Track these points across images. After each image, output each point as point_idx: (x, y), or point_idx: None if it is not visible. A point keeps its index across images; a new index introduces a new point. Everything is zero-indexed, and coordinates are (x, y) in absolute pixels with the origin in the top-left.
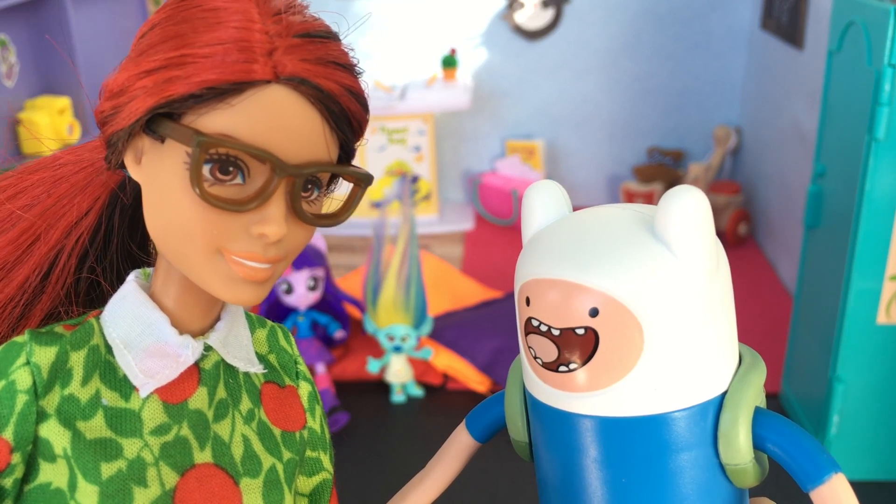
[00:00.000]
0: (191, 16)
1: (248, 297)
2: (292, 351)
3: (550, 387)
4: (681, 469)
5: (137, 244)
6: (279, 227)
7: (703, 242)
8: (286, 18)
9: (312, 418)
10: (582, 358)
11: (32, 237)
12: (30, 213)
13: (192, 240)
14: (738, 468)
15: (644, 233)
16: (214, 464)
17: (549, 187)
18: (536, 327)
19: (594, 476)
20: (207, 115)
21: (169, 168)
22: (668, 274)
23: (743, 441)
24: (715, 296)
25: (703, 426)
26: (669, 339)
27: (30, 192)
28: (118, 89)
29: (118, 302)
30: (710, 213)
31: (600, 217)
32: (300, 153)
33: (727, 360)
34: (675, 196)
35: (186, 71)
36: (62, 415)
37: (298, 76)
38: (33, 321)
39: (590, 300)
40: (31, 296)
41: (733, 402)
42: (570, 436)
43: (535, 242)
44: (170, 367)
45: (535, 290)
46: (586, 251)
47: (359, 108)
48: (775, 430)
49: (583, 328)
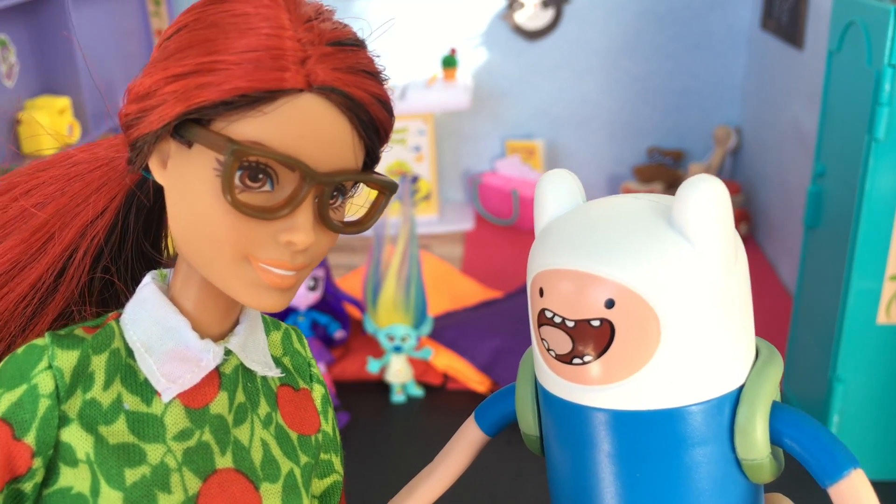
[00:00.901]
0: (220, 20)
1: (273, 303)
2: (306, 353)
3: (564, 379)
4: (696, 464)
5: (151, 243)
6: (307, 235)
7: (722, 232)
8: (317, 26)
9: (325, 421)
10: (597, 350)
11: (46, 236)
12: (43, 211)
13: (219, 246)
14: (755, 463)
15: (661, 222)
16: (235, 469)
17: (562, 176)
18: (550, 319)
19: (607, 471)
20: (239, 122)
21: (197, 174)
22: (685, 264)
23: (760, 436)
24: (733, 287)
25: (719, 420)
26: (687, 332)
27: (42, 190)
28: (145, 92)
29: (138, 305)
30: (730, 203)
31: (615, 207)
32: (329, 161)
33: (744, 354)
34: (693, 185)
35: (218, 77)
36: (84, 419)
37: (330, 85)
38: (46, 320)
39: (605, 291)
40: (45, 295)
41: (751, 396)
42: (583, 429)
43: (549, 232)
44: (191, 371)
45: (548, 281)
46: (601, 241)
47: (386, 116)
48: (793, 424)
49: (598, 320)
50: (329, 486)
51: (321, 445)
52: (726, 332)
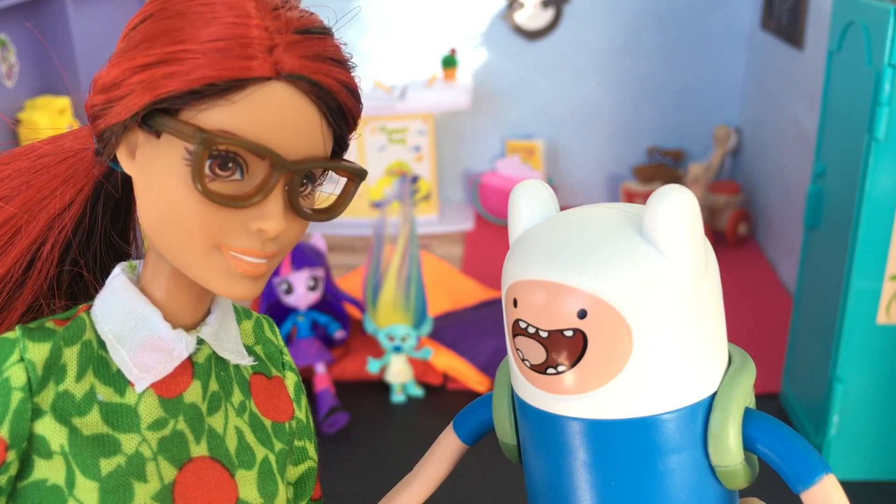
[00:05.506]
0: (186, 9)
1: (245, 291)
2: (277, 342)
3: (538, 389)
4: (670, 471)
5: (119, 235)
6: (278, 222)
7: (692, 242)
8: (284, 14)
9: (299, 408)
10: (570, 360)
11: (13, 230)
12: (10, 204)
13: (190, 235)
14: (729, 470)
15: (632, 233)
16: (210, 457)
17: (535, 187)
18: (524, 329)
19: (583, 479)
20: (207, 111)
21: (166, 163)
22: (656, 274)
23: (733, 442)
24: (704, 296)
25: (692, 428)
26: (658, 341)
27: (8, 183)
28: (111, 83)
29: (109, 296)
30: (699, 213)
31: (587, 217)
32: (298, 149)
33: (717, 361)
34: (662, 195)
35: (185, 67)
36: (58, 411)
37: (298, 73)
38: (14, 314)
39: (578, 301)
40: (13, 289)
41: (723, 404)
42: (558, 438)
43: (522, 243)
44: (164, 361)
45: (522, 292)
46: (574, 252)
47: (354, 104)
48: (765, 430)
49: (571, 330)
50: (304, 472)
51: (295, 432)
52: (698, 340)
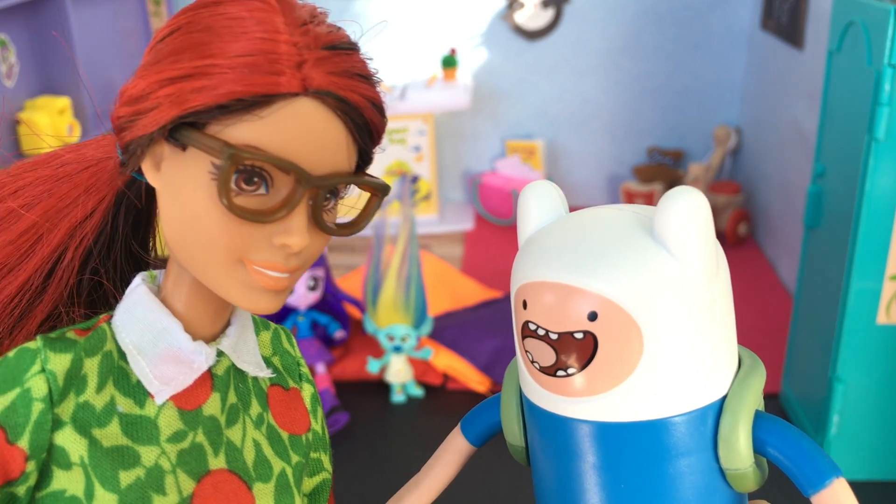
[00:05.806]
0: (214, 23)
1: (267, 305)
2: (295, 353)
3: (548, 391)
4: (680, 474)
5: (139, 244)
6: (302, 237)
7: (703, 244)
8: (312, 29)
9: (315, 420)
10: (580, 362)
11: (34, 237)
12: (31, 212)
13: (214, 249)
14: (739, 473)
15: (643, 235)
16: (228, 469)
17: (545, 188)
18: (534, 331)
19: (592, 482)
20: (234, 125)
21: (191, 177)
22: (667, 277)
23: (743, 445)
24: (715, 299)
25: (702, 431)
26: (669, 343)
27: (29, 191)
28: (139, 95)
29: (129, 307)
30: (710, 215)
31: (598, 218)
32: (323, 164)
33: (727, 364)
34: (674, 197)
35: (213, 81)
36: (78, 423)
37: (326, 89)
38: (34, 322)
39: (588, 304)
40: (33, 296)
41: (733, 407)
42: (567, 441)
43: (532, 244)
44: (184, 373)
45: (532, 294)
46: (584, 253)
47: (379, 119)
48: (776, 433)
49: (581, 332)
50: (318, 483)
51: (311, 444)
52: (709, 343)
